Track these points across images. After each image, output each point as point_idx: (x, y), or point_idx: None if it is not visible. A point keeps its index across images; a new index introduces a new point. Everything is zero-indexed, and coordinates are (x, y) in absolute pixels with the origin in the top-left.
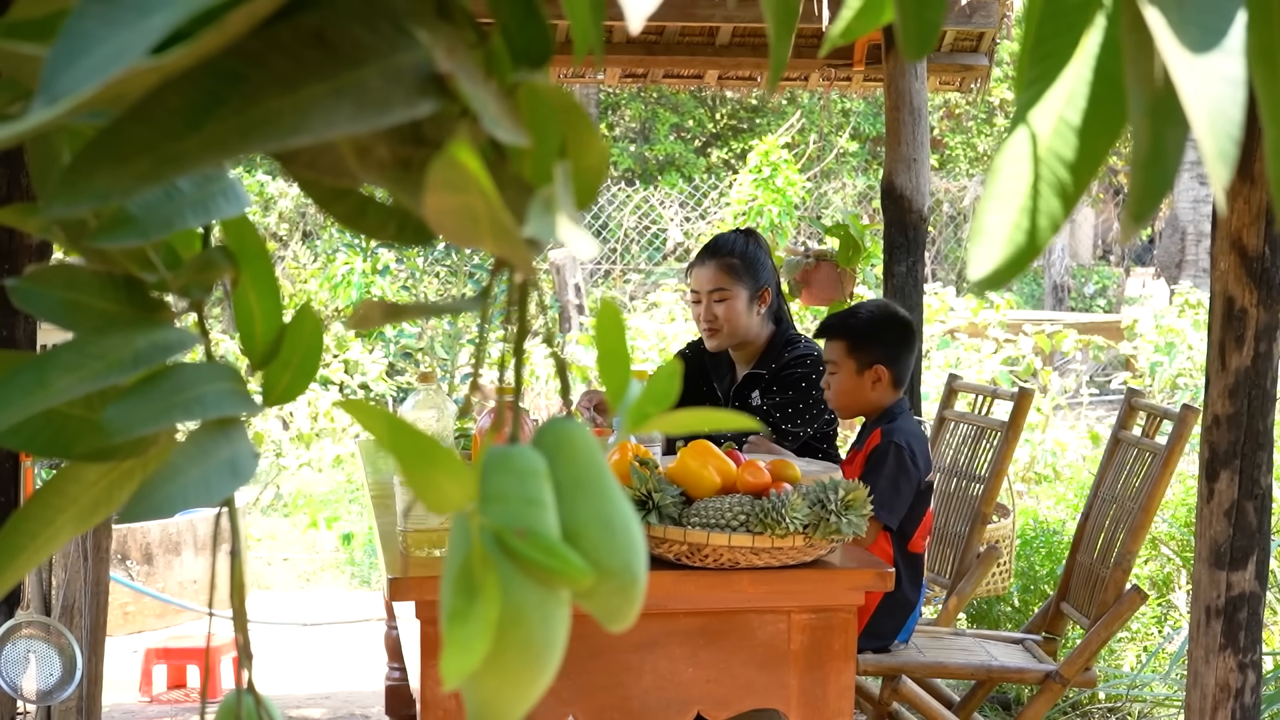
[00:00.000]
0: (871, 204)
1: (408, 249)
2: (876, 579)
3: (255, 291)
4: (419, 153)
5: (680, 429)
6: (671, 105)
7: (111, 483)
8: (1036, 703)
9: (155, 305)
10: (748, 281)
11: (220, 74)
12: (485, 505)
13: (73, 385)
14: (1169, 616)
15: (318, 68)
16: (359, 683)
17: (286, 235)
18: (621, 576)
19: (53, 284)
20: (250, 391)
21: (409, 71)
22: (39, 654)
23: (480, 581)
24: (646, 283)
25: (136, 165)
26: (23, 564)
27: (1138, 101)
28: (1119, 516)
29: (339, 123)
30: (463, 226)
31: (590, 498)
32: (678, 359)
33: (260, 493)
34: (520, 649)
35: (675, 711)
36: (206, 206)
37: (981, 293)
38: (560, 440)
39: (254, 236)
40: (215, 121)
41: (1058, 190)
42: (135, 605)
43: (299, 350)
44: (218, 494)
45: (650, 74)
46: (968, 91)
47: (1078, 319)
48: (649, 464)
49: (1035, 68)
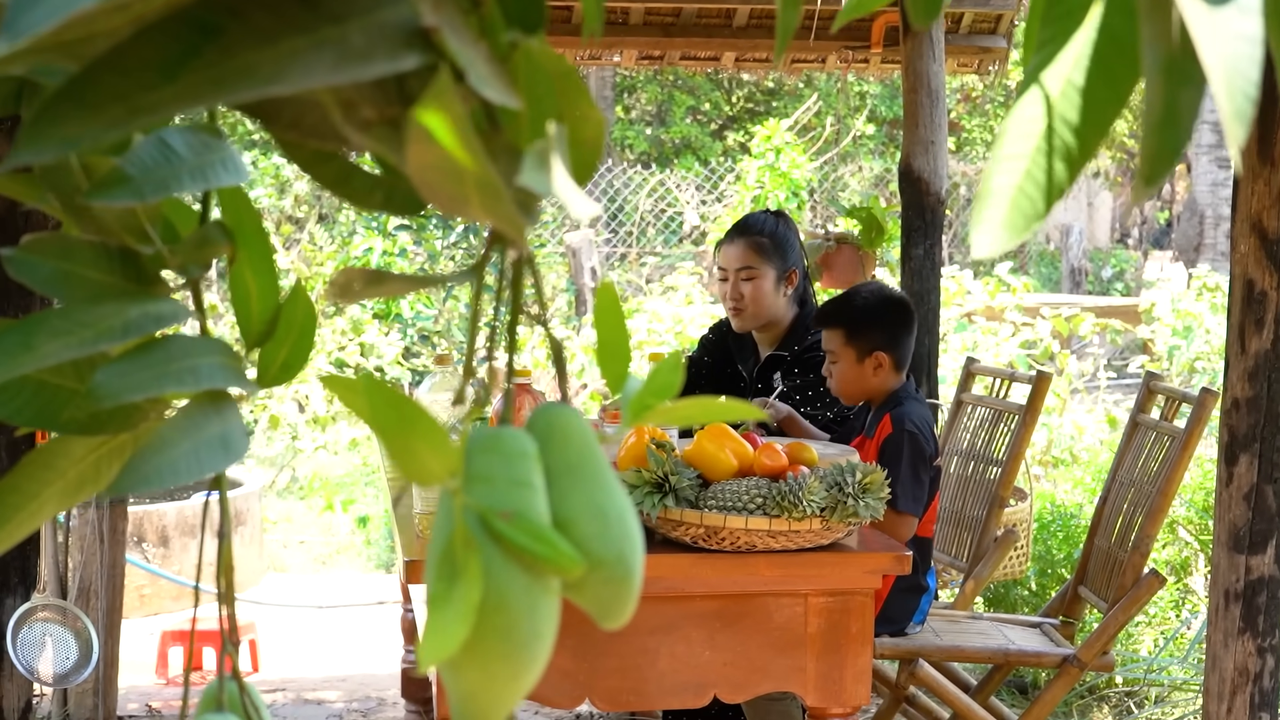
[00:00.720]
0: (888, 187)
1: (426, 231)
2: (894, 562)
3: (251, 269)
4: (406, 112)
5: (684, 422)
6: (688, 88)
7: (100, 458)
8: (1054, 686)
9: (150, 278)
10: (775, 261)
11: (196, 25)
12: (470, 485)
13: (59, 350)
14: (1187, 601)
15: (298, 21)
16: (375, 666)
17: (304, 217)
18: (615, 568)
19: (48, 254)
20: (244, 369)
21: (393, 25)
22: (55, 637)
23: (462, 564)
24: (662, 265)
25: (107, 113)
26: (5, 537)
27: (1152, 62)
28: (1137, 500)
29: (318, 74)
30: (448, 185)
31: (583, 485)
32: (701, 339)
33: (276, 475)
34: (503, 638)
35: (692, 695)
36: (204, 173)
37: (985, 256)
38: (553, 424)
39: (251, 213)
40: (190, 72)
41: (1064, 154)
42: (151, 588)
43: (294, 330)
44: (208, 468)
45: (667, 56)
46: (985, 74)
47: (1095, 302)
48: (665, 446)
49: (1046, 29)
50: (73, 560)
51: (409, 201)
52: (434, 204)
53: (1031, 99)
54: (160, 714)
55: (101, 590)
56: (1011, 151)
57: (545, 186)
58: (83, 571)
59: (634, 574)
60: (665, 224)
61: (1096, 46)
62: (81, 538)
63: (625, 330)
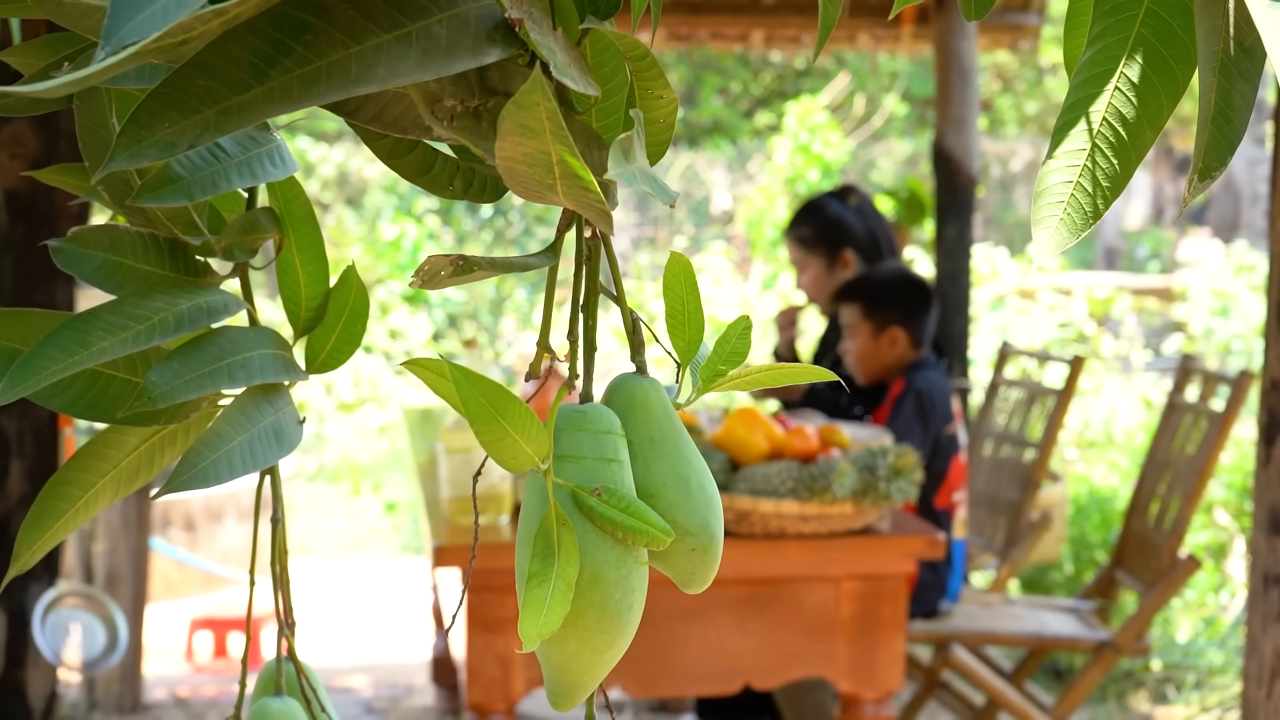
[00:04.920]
0: (919, 167)
1: (452, 215)
2: (927, 546)
3: (300, 255)
4: (489, 102)
5: (753, 386)
6: (717, 68)
7: (153, 447)
8: (1090, 671)
9: (200, 269)
10: (821, 249)
11: (284, 23)
12: (560, 464)
13: (114, 346)
14: (1225, 584)
15: (382, 17)
16: (404, 652)
17: (332, 201)
18: (700, 536)
19: (95, 245)
20: (294, 358)
21: (476, 19)
22: (82, 623)
23: (558, 542)
24: (692, 247)
25: (200, 116)
26: (61, 528)
27: (1207, 57)
28: (1174, 483)
29: (405, 72)
30: (535, 175)
31: (666, 456)
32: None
33: (303, 460)
34: (598, 610)
35: (723, 680)
36: (252, 168)
37: (1047, 259)
38: (633, 398)
39: (302, 199)
40: (279, 72)
41: (1119, 150)
42: (178, 574)
43: (343, 315)
44: (262, 462)
45: (695, 35)
46: (1018, 51)
47: (1130, 281)
48: (696, 430)
49: (1099, 24)
50: (99, 547)
51: (489, 188)
52: (517, 192)
53: (1084, 96)
54: (187, 701)
55: (128, 576)
56: (1066, 148)
57: (631, 179)
58: (109, 557)
59: (717, 541)
60: (695, 206)
61: (1150, 40)
62: (108, 524)
63: (698, 299)
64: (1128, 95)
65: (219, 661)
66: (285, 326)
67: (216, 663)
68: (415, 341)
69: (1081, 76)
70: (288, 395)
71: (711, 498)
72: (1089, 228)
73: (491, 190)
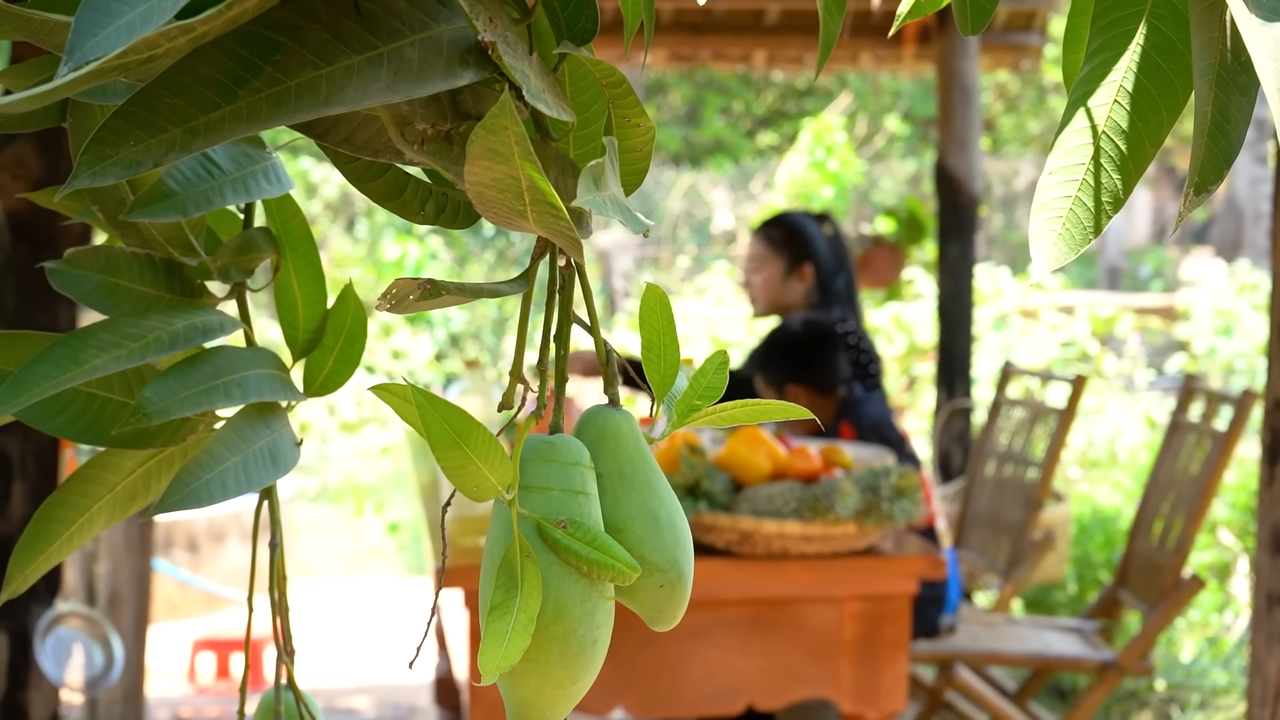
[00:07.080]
0: (922, 187)
1: (455, 234)
2: (930, 566)
3: (298, 276)
4: (461, 126)
5: (729, 423)
6: (719, 88)
7: (149, 470)
8: (1094, 691)
9: (196, 290)
10: (785, 253)
11: (253, 43)
12: (525, 495)
13: (107, 363)
14: (1229, 604)
15: (354, 38)
16: (406, 673)
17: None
18: (668, 573)
19: (91, 266)
20: (291, 378)
21: (449, 42)
22: (82, 644)
23: (521, 574)
24: (695, 267)
25: (167, 135)
26: (56, 551)
27: (1203, 70)
28: (1177, 502)
29: (375, 93)
30: (505, 201)
31: (636, 490)
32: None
33: (306, 480)
34: (562, 645)
35: (726, 701)
36: (247, 185)
37: (1045, 275)
38: (604, 430)
39: (299, 220)
40: (248, 92)
41: (1119, 165)
42: (181, 595)
43: (341, 336)
44: (257, 483)
45: (698, 55)
46: (1020, 71)
47: (1133, 300)
48: (698, 451)
49: (1097, 39)
50: (101, 567)
51: (460, 213)
52: (488, 218)
53: (1083, 110)
54: None
55: (130, 597)
56: (1064, 163)
57: (601, 206)
58: (111, 578)
59: (685, 578)
60: (697, 225)
61: (1148, 55)
62: (110, 544)
63: (674, 332)
64: (1127, 109)
65: (221, 682)
66: (286, 349)
67: (219, 684)
68: (418, 362)
69: (1080, 91)
70: (284, 416)
71: (681, 534)
72: (1088, 243)
73: (464, 216)
